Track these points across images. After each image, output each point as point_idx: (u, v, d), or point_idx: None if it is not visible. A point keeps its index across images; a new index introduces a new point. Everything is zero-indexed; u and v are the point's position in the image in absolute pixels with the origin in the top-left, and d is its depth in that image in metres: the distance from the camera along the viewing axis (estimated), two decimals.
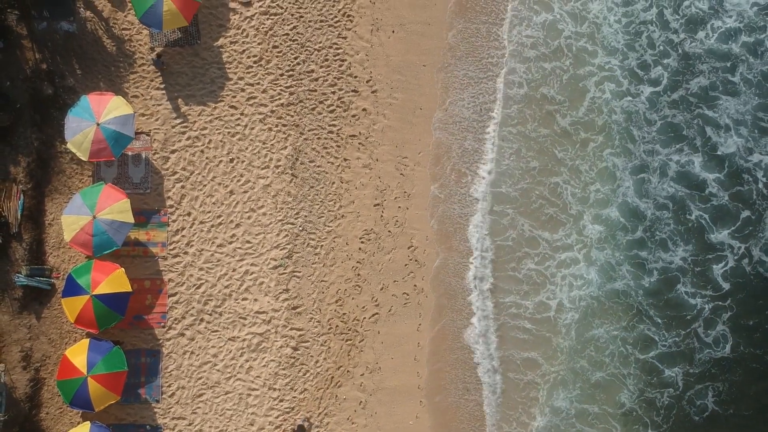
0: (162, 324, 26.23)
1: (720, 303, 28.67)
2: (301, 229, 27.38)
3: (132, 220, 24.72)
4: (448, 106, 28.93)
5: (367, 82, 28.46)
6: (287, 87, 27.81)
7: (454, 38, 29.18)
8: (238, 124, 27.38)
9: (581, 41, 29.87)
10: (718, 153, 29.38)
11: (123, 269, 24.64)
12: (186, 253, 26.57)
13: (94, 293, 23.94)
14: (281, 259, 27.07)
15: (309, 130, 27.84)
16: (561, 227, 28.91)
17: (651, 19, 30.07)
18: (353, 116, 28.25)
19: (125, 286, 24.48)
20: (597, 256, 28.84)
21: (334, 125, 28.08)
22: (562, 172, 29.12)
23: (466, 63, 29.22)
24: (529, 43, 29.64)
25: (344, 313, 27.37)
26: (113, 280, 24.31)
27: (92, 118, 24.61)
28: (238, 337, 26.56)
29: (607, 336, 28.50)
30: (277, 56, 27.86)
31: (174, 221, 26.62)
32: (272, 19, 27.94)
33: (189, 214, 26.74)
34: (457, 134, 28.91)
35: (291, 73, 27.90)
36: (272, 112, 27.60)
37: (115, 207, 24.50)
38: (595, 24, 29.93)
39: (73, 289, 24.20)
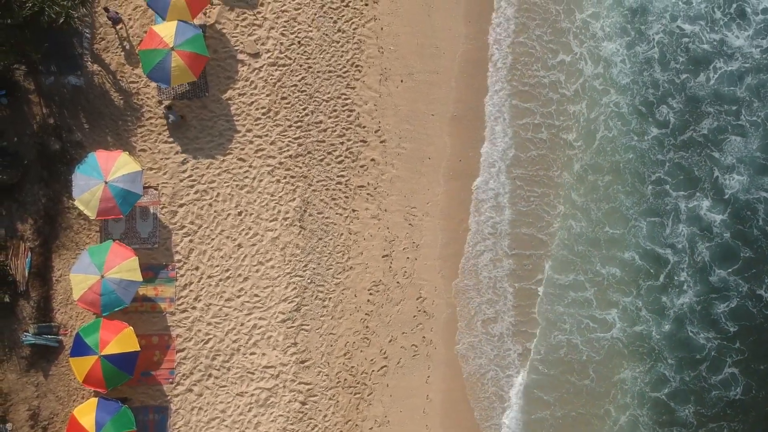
0: (170, 380, 26.09)
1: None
2: (309, 281, 27.25)
3: (140, 279, 24.53)
4: (455, 154, 28.93)
5: (375, 132, 28.35)
6: (296, 138, 27.70)
7: (460, 88, 29.24)
8: (247, 177, 27.25)
9: (595, 81, 29.96)
10: (726, 195, 29.45)
11: (131, 328, 24.46)
12: (194, 308, 26.43)
13: (102, 354, 23.75)
14: (289, 312, 26.94)
15: (317, 182, 27.71)
16: (577, 269, 29.00)
17: (655, 58, 30.19)
18: (362, 167, 28.13)
19: (133, 346, 24.30)
20: (618, 299, 28.98)
21: (342, 176, 27.96)
22: (576, 214, 29.18)
23: (472, 111, 29.30)
24: (548, 84, 29.85)
25: (353, 366, 27.24)
26: (121, 340, 24.14)
27: (100, 176, 24.44)
28: (246, 392, 26.40)
29: (630, 377, 28.65)
30: (285, 107, 27.73)
31: (182, 276, 26.48)
32: (281, 70, 27.81)
33: (197, 268, 26.60)
34: (468, 182, 28.98)
35: (299, 124, 27.78)
36: (280, 163, 27.48)
37: (123, 265, 24.33)
38: (606, 62, 29.98)
39: (81, 348, 24.02)
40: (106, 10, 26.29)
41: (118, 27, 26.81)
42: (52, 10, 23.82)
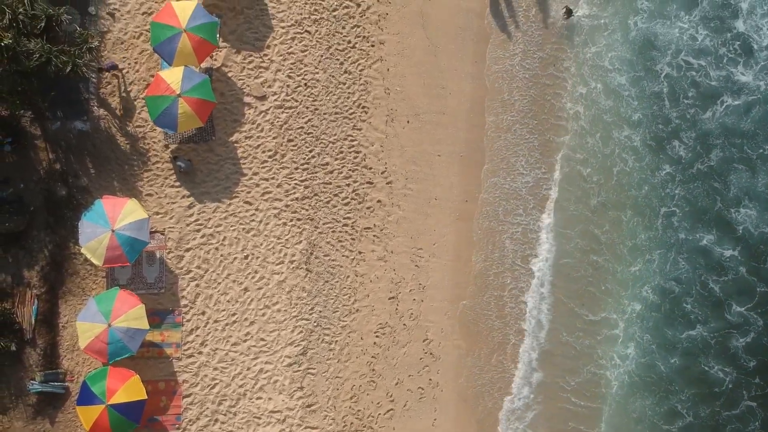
0: (177, 426, 26.03)
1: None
2: (315, 324, 27.18)
3: (147, 327, 24.46)
4: (462, 194, 28.85)
5: (381, 173, 28.26)
6: (302, 180, 27.62)
7: (467, 128, 29.18)
8: (253, 220, 27.18)
9: (606, 116, 29.88)
10: (739, 230, 29.29)
11: (138, 376, 24.42)
12: (200, 353, 26.36)
13: (109, 403, 23.68)
14: (296, 356, 26.87)
15: (324, 224, 27.63)
16: (603, 306, 28.99)
17: (664, 92, 30.02)
18: (368, 208, 28.05)
19: (140, 394, 24.25)
20: (636, 334, 28.94)
21: (348, 218, 27.88)
22: (602, 250, 29.15)
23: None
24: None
25: (359, 410, 27.17)
26: (129, 389, 24.09)
27: (107, 224, 24.35)
28: None
29: (641, 407, 28.74)
30: (292, 150, 27.66)
31: (188, 321, 26.40)
32: (287, 112, 27.73)
33: (203, 313, 26.53)
34: (475, 222, 28.95)
35: (306, 166, 27.70)
36: (287, 206, 27.40)
37: (130, 314, 24.26)
38: (615, 95, 29.87)
39: (88, 397, 23.95)
40: (100, 70, 26.31)
41: (123, 71, 26.72)
42: (59, 60, 23.76)
